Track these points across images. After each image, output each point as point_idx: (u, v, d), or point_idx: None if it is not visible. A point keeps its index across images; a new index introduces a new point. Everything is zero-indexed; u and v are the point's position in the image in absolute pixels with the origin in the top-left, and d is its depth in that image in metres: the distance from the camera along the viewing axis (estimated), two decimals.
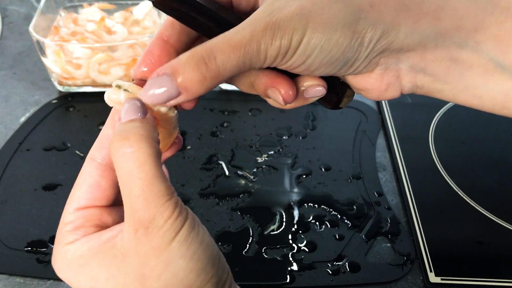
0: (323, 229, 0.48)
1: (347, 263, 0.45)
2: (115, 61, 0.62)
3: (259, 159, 0.56)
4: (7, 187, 0.52)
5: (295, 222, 0.49)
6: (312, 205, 0.51)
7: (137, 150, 0.24)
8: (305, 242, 0.47)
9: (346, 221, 0.49)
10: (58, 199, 0.51)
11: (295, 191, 0.52)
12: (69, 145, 0.58)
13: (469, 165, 0.56)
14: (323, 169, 0.55)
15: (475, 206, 0.51)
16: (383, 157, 0.57)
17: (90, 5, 0.70)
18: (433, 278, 0.44)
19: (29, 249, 0.46)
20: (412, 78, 0.27)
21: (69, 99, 0.65)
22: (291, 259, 0.45)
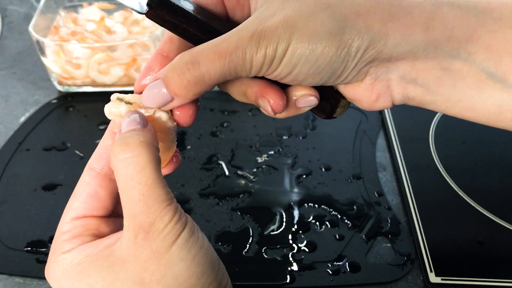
0: (323, 229, 0.48)
1: (347, 263, 0.45)
2: (115, 61, 0.62)
3: (259, 159, 0.56)
4: (7, 187, 0.52)
5: (295, 222, 0.49)
6: (312, 205, 0.51)
7: (138, 155, 0.24)
8: (305, 242, 0.47)
9: (346, 221, 0.49)
10: (58, 199, 0.51)
11: (295, 191, 0.52)
12: (69, 145, 0.58)
13: (469, 165, 0.56)
14: (323, 169, 0.55)
15: (475, 206, 0.51)
16: (383, 157, 0.57)
17: (90, 5, 0.70)
18: (433, 278, 0.44)
19: (29, 249, 0.46)
20: (403, 89, 0.27)
21: (69, 99, 0.64)
22: (291, 259, 0.45)
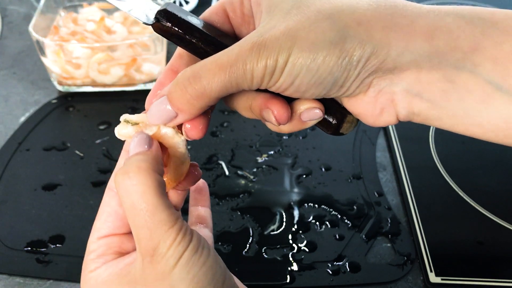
0: (323, 229, 0.48)
1: (347, 263, 0.45)
2: (115, 61, 0.62)
3: (259, 159, 0.56)
4: (7, 187, 0.52)
5: (295, 222, 0.49)
6: (312, 205, 0.51)
7: (137, 183, 0.24)
8: (305, 242, 0.47)
9: (346, 221, 0.49)
10: (57, 199, 0.51)
11: (295, 191, 0.52)
12: (68, 145, 0.58)
13: (469, 165, 0.56)
14: (323, 169, 0.55)
15: (475, 206, 0.51)
16: (384, 157, 0.57)
17: (89, 4, 0.70)
18: (434, 278, 0.44)
19: (29, 249, 0.46)
20: (408, 103, 0.26)
21: (69, 99, 0.64)
22: (291, 259, 0.45)
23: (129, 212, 0.25)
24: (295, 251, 0.46)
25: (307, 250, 0.46)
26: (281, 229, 0.48)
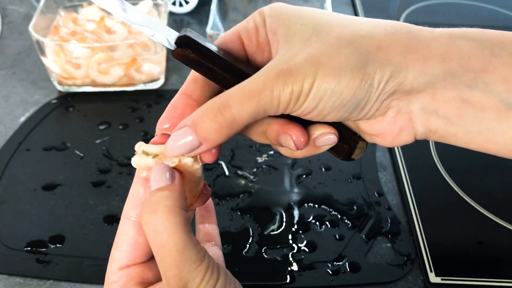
0: (323, 229, 0.48)
1: (347, 263, 0.45)
2: (115, 61, 0.62)
3: (259, 159, 0.56)
4: (7, 187, 0.52)
5: (295, 222, 0.49)
6: (312, 205, 0.51)
7: (165, 221, 0.25)
8: (305, 242, 0.47)
9: (346, 221, 0.49)
10: (57, 199, 0.51)
11: (295, 191, 0.52)
12: (69, 145, 0.58)
13: (470, 165, 0.56)
14: (323, 169, 0.55)
15: (475, 206, 0.51)
16: (383, 157, 0.57)
17: (89, 4, 0.70)
18: (434, 278, 0.44)
19: (29, 249, 0.46)
20: (425, 121, 0.27)
21: (69, 99, 0.64)
22: (291, 259, 0.45)
23: (157, 251, 0.25)
24: (295, 251, 0.46)
25: (307, 250, 0.46)
26: (281, 229, 0.48)
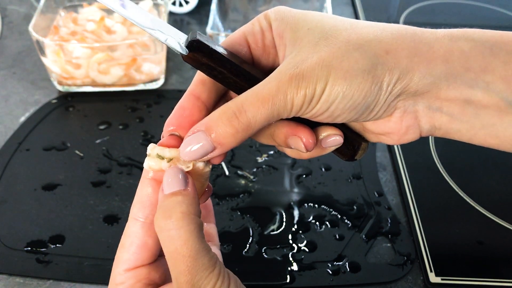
0: (323, 229, 0.48)
1: (347, 263, 0.45)
2: (115, 61, 0.62)
3: (259, 159, 0.56)
4: (7, 187, 0.52)
5: (295, 222, 0.49)
6: (312, 205, 0.51)
7: (180, 228, 0.25)
8: (305, 242, 0.47)
9: (346, 221, 0.49)
10: (57, 199, 0.51)
11: (295, 191, 0.52)
12: (68, 145, 0.58)
13: (469, 165, 0.56)
14: (323, 169, 0.55)
15: (475, 206, 0.51)
16: (384, 157, 0.57)
17: (89, 4, 0.70)
18: (434, 278, 0.44)
19: (29, 249, 0.46)
20: (430, 118, 0.28)
21: (69, 99, 0.64)
22: (291, 259, 0.45)
23: (171, 256, 0.25)
24: (295, 251, 0.46)
25: (307, 250, 0.46)
26: (281, 229, 0.48)
